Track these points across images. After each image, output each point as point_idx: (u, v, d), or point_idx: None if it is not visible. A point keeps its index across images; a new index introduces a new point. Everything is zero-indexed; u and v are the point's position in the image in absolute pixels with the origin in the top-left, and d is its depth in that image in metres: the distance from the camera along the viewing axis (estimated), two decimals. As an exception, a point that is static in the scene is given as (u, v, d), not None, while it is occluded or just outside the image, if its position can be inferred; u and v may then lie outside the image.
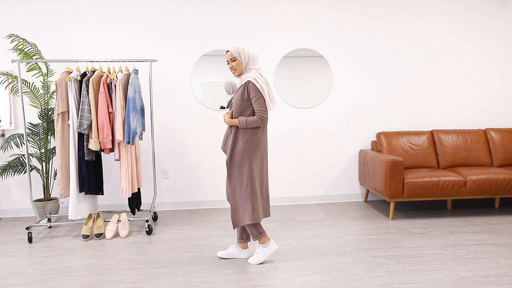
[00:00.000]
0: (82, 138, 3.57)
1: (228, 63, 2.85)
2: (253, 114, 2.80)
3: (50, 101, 4.10)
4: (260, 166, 2.88)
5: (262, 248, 2.96)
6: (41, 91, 4.14)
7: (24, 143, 4.19)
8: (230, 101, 3.03)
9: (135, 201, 3.89)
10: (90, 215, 3.74)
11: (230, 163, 2.86)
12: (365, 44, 4.64)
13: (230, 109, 2.92)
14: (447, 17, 4.71)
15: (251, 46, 2.90)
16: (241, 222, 2.86)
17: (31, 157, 4.22)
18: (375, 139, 4.70)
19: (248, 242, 3.12)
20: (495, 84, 4.84)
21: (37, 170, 4.08)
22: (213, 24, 4.44)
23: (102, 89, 3.52)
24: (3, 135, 4.31)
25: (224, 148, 2.92)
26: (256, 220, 2.83)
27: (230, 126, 2.87)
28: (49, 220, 3.92)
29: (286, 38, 4.54)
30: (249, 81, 2.75)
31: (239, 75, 2.85)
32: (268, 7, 4.49)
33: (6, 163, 4.06)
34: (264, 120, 2.76)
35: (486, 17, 4.75)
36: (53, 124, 4.03)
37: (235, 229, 3.38)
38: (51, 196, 4.38)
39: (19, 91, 3.82)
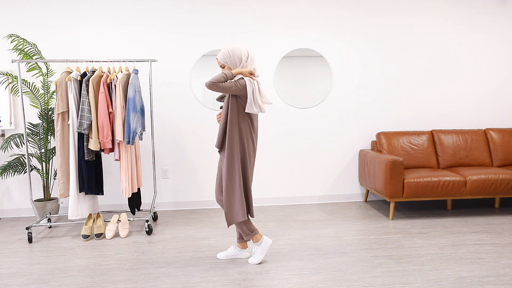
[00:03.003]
0: (82, 138, 3.57)
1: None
2: (240, 110, 2.79)
3: (50, 101, 4.10)
4: (250, 164, 2.90)
5: (258, 247, 2.97)
6: (41, 91, 4.14)
7: (24, 143, 4.19)
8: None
9: (135, 201, 3.89)
10: (90, 215, 3.74)
11: (223, 161, 2.87)
12: (365, 44, 4.64)
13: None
14: (447, 17, 4.71)
15: (241, 45, 2.86)
16: (235, 220, 2.86)
17: (31, 157, 4.22)
18: (375, 139, 4.70)
19: (247, 242, 3.11)
20: (495, 84, 4.84)
21: (37, 170, 4.08)
22: (213, 24, 4.44)
23: (102, 89, 3.52)
24: (3, 135, 4.31)
25: (217, 147, 2.93)
26: (246, 217, 2.85)
27: (222, 124, 2.87)
28: (49, 220, 3.92)
29: (286, 38, 4.54)
30: (242, 77, 2.76)
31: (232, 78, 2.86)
32: (268, 7, 4.49)
33: (6, 163, 4.06)
34: (210, 83, 2.65)
35: (487, 17, 4.75)
36: (53, 124, 4.03)
37: (229, 226, 3.36)
38: (51, 196, 4.38)
39: (19, 91, 3.82)
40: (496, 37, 4.79)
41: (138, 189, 3.97)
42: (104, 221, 3.82)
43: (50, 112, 4.03)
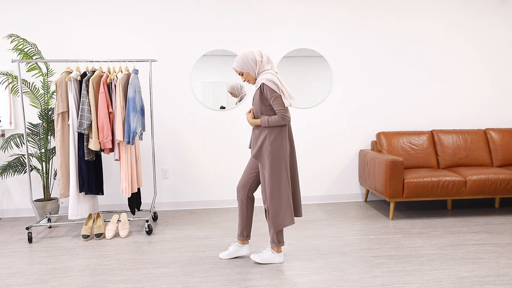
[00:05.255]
0: (82, 138, 3.57)
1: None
2: (272, 112, 2.82)
3: (50, 101, 4.10)
4: (291, 164, 2.90)
5: (271, 253, 2.96)
6: (41, 91, 4.14)
7: (24, 143, 4.19)
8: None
9: (135, 201, 3.89)
10: (90, 215, 3.74)
11: (263, 167, 2.83)
12: (365, 44, 4.64)
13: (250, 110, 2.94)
14: (447, 17, 4.71)
15: (254, 48, 2.87)
16: (282, 225, 2.84)
17: (31, 157, 4.22)
18: (375, 139, 4.70)
19: (248, 240, 3.12)
20: (495, 84, 4.84)
21: (37, 170, 4.08)
22: (213, 24, 4.44)
23: (102, 89, 3.52)
24: (3, 135, 4.31)
25: (252, 151, 2.91)
26: (293, 221, 2.84)
27: (256, 128, 2.87)
28: (49, 220, 3.92)
29: (286, 38, 4.54)
30: (263, 83, 2.75)
31: (255, 82, 2.86)
32: (268, 7, 4.49)
33: (6, 163, 4.06)
34: (286, 118, 2.74)
35: (486, 16, 4.76)
36: (53, 124, 4.03)
37: (242, 229, 3.22)
38: (51, 196, 4.38)
39: (19, 91, 3.82)
40: (496, 37, 4.79)
41: (138, 189, 3.97)
42: (104, 221, 3.82)
43: (50, 112, 4.03)
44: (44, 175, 4.07)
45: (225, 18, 4.45)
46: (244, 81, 2.88)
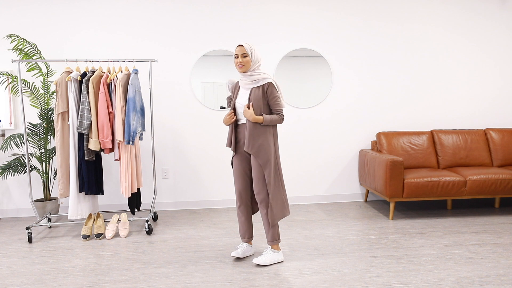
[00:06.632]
0: (82, 138, 3.57)
1: (237, 57, 2.85)
2: (270, 113, 2.93)
3: (50, 101, 4.10)
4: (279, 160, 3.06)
5: (272, 253, 2.98)
6: (41, 91, 4.14)
7: (24, 143, 4.19)
8: (229, 99, 3.08)
9: (135, 201, 3.89)
10: (90, 215, 3.74)
11: (265, 164, 2.87)
12: (365, 44, 4.64)
13: (248, 104, 2.93)
14: (447, 17, 4.71)
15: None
16: (281, 216, 2.95)
17: (31, 157, 4.22)
18: (375, 139, 4.70)
19: (252, 241, 3.16)
20: (495, 84, 4.84)
21: (37, 170, 4.08)
22: (213, 24, 4.44)
23: (102, 89, 3.52)
24: (3, 135, 4.31)
25: (249, 149, 2.86)
26: (289, 212, 3.02)
27: (253, 126, 2.86)
28: (49, 220, 3.92)
29: (286, 38, 4.54)
30: (270, 82, 2.87)
31: (245, 71, 2.88)
32: (268, 7, 4.49)
33: (6, 163, 4.06)
34: (283, 118, 2.94)
35: (486, 17, 4.75)
36: (53, 124, 4.03)
37: (241, 226, 3.17)
38: (51, 196, 4.38)
39: (19, 91, 3.82)
40: (496, 37, 4.79)
41: (138, 189, 3.97)
42: (104, 221, 3.82)
43: (50, 112, 4.03)
44: (44, 175, 4.07)
45: (225, 18, 4.45)
46: (239, 63, 2.84)
